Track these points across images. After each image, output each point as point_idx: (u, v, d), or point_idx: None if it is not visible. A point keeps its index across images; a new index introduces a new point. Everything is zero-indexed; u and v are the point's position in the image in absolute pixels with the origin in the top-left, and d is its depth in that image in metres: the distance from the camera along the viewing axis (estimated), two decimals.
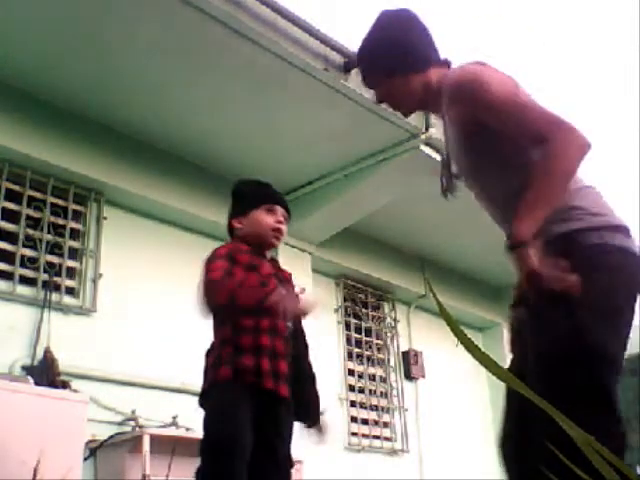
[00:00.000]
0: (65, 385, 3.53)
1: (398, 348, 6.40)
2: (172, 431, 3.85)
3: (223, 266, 2.33)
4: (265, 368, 2.28)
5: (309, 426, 2.52)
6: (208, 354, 2.37)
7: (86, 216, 4.44)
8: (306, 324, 2.54)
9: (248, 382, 2.26)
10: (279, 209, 2.53)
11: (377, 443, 5.87)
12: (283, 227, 2.53)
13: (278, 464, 2.31)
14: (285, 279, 2.54)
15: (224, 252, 2.40)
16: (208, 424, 2.25)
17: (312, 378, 2.56)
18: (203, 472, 2.17)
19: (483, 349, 0.69)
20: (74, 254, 4.34)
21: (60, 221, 4.30)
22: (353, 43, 4.24)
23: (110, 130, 4.47)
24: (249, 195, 2.57)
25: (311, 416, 2.51)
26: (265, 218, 2.49)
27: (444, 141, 2.01)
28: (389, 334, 6.43)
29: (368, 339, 6.21)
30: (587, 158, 1.62)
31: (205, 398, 2.31)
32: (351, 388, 5.87)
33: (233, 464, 2.13)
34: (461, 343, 0.70)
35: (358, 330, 6.17)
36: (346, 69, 4.19)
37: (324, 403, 2.58)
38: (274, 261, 2.59)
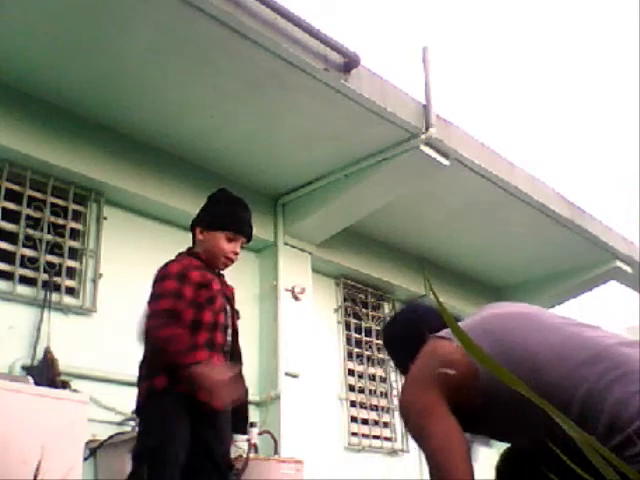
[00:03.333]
0: (65, 385, 3.54)
1: None
2: None
3: (172, 288, 2.43)
4: None
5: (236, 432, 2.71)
6: (142, 366, 2.52)
7: (86, 216, 4.44)
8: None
9: (184, 392, 2.35)
10: (240, 239, 2.65)
11: (377, 443, 5.87)
12: (236, 257, 2.66)
13: (216, 464, 2.42)
14: (230, 296, 2.68)
15: (176, 270, 2.49)
16: (143, 433, 2.41)
17: (246, 390, 2.65)
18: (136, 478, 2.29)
19: None
20: (74, 254, 4.34)
21: (60, 221, 4.30)
22: (353, 43, 4.24)
23: (110, 130, 4.47)
24: (220, 215, 2.65)
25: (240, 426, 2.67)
26: (224, 245, 2.60)
27: None
28: None
29: (368, 339, 6.21)
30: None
31: (142, 410, 2.46)
32: (351, 388, 5.87)
33: (165, 471, 2.26)
34: (461, 343, 0.70)
35: (358, 330, 6.17)
36: (346, 69, 4.18)
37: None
38: (221, 276, 2.70)
